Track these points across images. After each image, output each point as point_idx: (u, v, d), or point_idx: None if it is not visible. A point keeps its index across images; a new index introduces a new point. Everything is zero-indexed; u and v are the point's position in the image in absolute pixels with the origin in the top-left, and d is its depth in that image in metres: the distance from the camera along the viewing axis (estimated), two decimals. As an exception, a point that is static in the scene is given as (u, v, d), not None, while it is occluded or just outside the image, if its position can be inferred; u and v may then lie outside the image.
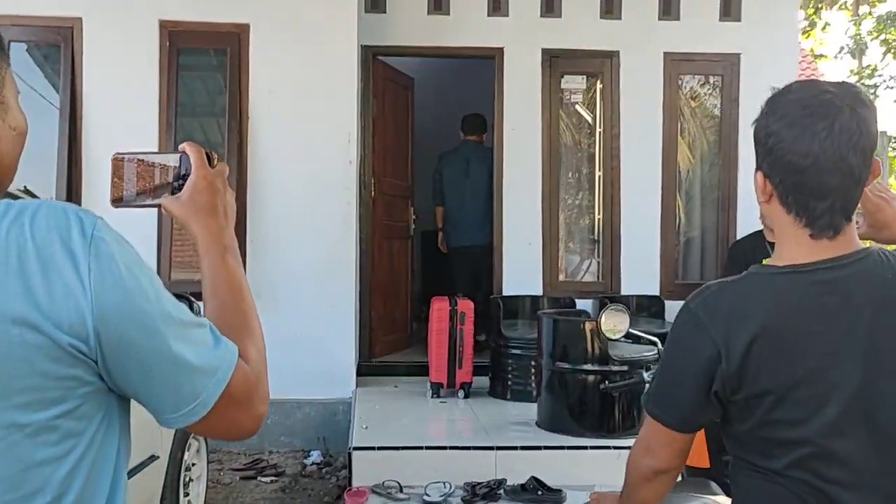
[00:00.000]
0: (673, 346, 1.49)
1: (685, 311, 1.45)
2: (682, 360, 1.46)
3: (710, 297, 1.43)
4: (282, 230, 5.48)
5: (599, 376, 4.37)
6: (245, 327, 1.15)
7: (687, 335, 1.44)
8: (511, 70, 6.14)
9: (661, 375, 1.52)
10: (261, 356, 1.14)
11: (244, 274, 1.21)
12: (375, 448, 4.08)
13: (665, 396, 1.48)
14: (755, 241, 5.70)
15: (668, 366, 1.50)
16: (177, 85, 5.35)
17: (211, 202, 1.20)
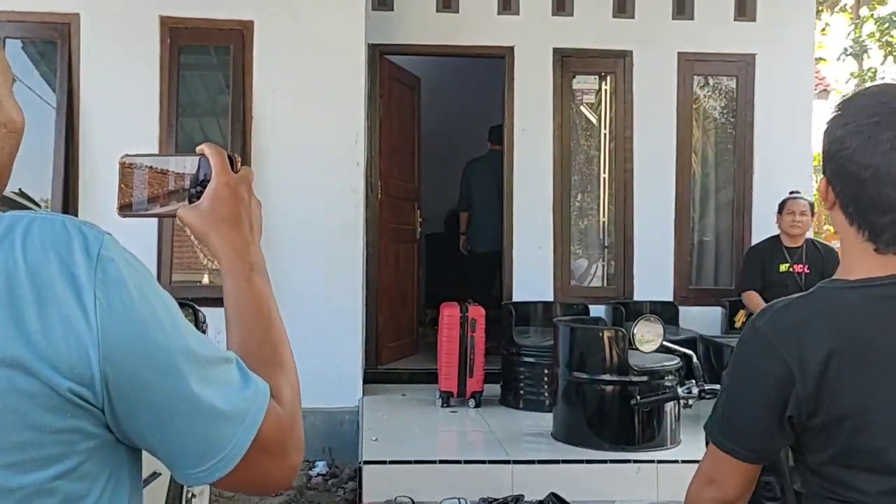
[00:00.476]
0: (739, 369, 1.37)
1: (751, 331, 1.35)
2: (750, 383, 1.33)
3: (778, 314, 1.33)
4: (287, 233, 5.31)
5: (618, 387, 4.21)
6: (276, 361, 0.98)
7: (754, 356, 1.33)
8: (521, 70, 5.98)
9: (727, 402, 1.39)
10: (295, 395, 0.97)
11: (274, 296, 1.04)
12: (387, 462, 3.92)
13: (732, 425, 1.36)
14: (772, 246, 5.57)
15: (735, 391, 1.38)
16: (178, 84, 5.18)
17: (234, 212, 1.04)
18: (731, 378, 1.39)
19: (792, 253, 5.47)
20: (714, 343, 4.97)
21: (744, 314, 5.55)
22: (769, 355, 1.29)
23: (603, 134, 6.24)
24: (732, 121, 6.25)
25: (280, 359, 0.98)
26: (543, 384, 5.02)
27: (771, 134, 6.09)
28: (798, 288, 5.41)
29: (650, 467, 3.95)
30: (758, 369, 1.32)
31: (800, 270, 5.44)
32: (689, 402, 2.61)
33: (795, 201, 5.45)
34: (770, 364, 1.29)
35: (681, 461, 3.99)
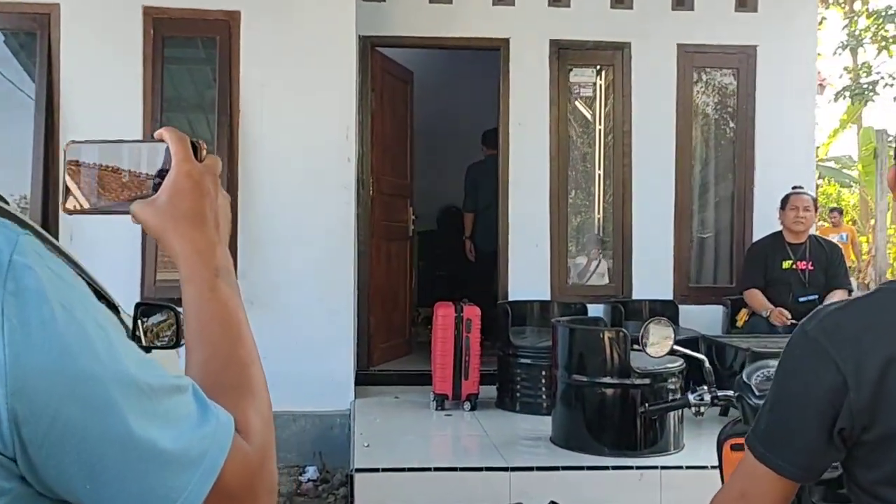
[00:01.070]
0: (785, 376, 1.27)
1: (800, 336, 1.26)
2: (798, 392, 1.23)
3: (831, 316, 1.24)
4: (275, 232, 5.15)
5: (619, 390, 4.05)
6: (244, 385, 0.82)
7: (804, 362, 1.23)
8: (517, 62, 5.81)
9: (772, 412, 1.28)
10: (266, 427, 0.81)
11: (243, 307, 0.88)
12: (379, 470, 3.76)
13: (777, 437, 1.25)
14: (775, 243, 5.43)
15: (781, 400, 1.27)
16: (162, 76, 5.00)
17: (197, 208, 0.87)
18: (777, 386, 1.29)
19: (795, 249, 5.33)
20: (717, 343, 4.81)
21: (745, 313, 5.41)
22: (821, 361, 1.19)
23: (599, 129, 6.08)
24: (733, 115, 6.10)
25: (249, 383, 0.82)
26: (541, 386, 4.86)
27: (772, 128, 5.94)
28: (801, 286, 5.28)
29: (653, 474, 3.80)
30: (808, 377, 1.22)
31: (803, 267, 5.30)
32: (702, 410, 2.46)
33: (799, 196, 5.31)
34: (822, 371, 1.19)
35: (685, 467, 3.85)
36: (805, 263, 5.30)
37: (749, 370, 2.35)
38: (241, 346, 0.84)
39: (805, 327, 1.25)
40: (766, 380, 2.32)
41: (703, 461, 3.78)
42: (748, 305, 5.38)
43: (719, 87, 6.16)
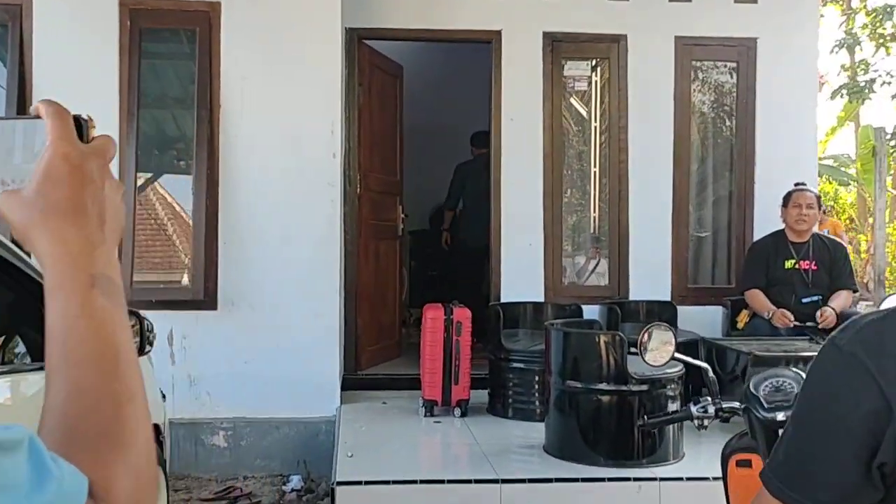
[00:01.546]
0: (813, 397, 1.06)
1: (832, 350, 1.04)
2: (829, 417, 1.02)
3: (871, 327, 1.03)
4: (258, 231, 4.95)
5: (616, 396, 3.86)
6: (114, 432, 0.63)
7: (837, 381, 1.02)
8: (510, 56, 5.61)
9: (794, 440, 1.06)
10: (140, 485, 0.62)
11: (128, 325, 0.68)
12: (362, 483, 3.55)
13: (802, 470, 1.03)
14: (777, 242, 5.24)
15: (806, 426, 1.06)
16: (139, 69, 4.80)
17: (74, 199, 0.68)
18: (802, 409, 1.08)
19: (798, 248, 5.14)
20: (717, 346, 4.62)
21: (746, 314, 5.22)
22: (859, 380, 0.99)
23: (594, 125, 5.88)
24: (733, 109, 5.91)
25: (121, 429, 0.63)
26: (534, 391, 4.67)
27: (773, 123, 5.75)
28: (804, 286, 5.09)
29: (652, 485, 3.60)
30: (842, 399, 1.01)
31: (806, 267, 5.12)
32: (706, 423, 2.26)
33: (802, 193, 5.12)
34: (860, 392, 0.98)
35: (685, 478, 3.66)
36: (808, 263, 5.11)
37: (757, 380, 2.16)
38: (116, 379, 0.65)
39: (837, 340, 1.04)
40: (776, 391, 2.13)
41: (704, 472, 3.60)
42: (749, 306, 5.19)
43: (719, 81, 5.97)
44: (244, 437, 4.89)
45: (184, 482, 4.73)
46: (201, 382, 4.91)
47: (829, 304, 4.97)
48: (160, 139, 5.24)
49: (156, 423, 3.31)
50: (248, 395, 4.89)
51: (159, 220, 5.11)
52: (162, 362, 4.74)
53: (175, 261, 5.04)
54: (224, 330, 4.91)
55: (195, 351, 4.90)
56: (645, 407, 3.81)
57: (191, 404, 4.88)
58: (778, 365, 4.09)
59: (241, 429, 4.89)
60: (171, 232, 5.06)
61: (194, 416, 4.89)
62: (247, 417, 4.89)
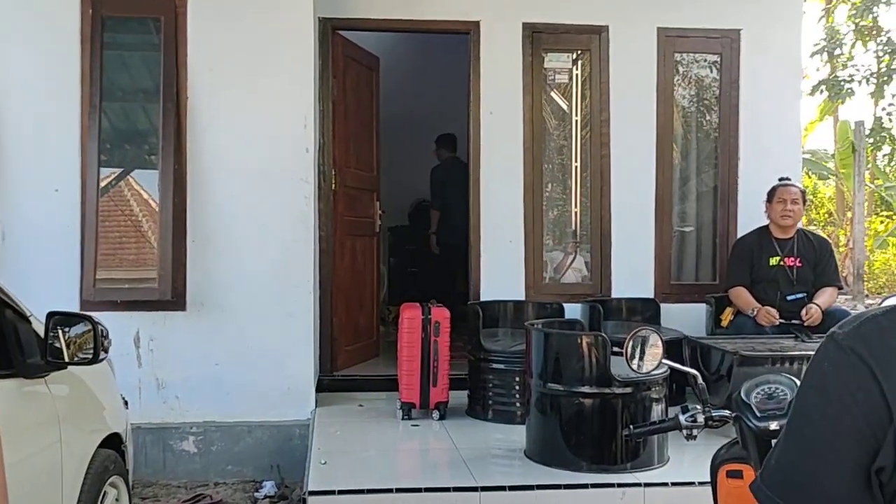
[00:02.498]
0: (809, 397, 0.97)
1: (831, 347, 0.96)
2: (825, 419, 0.93)
3: (872, 322, 0.95)
4: (229, 229, 4.78)
5: (598, 400, 3.73)
6: None
7: (835, 380, 0.94)
8: (488, 47, 5.46)
9: (789, 445, 0.98)
10: None
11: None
12: (336, 492, 3.40)
13: (796, 478, 0.95)
14: (762, 238, 5.13)
15: (800, 428, 0.97)
16: (101, 60, 4.60)
17: None
18: (798, 410, 0.99)
19: (783, 245, 5.03)
20: (702, 345, 4.50)
21: (731, 312, 5.11)
22: (859, 379, 0.91)
23: (576, 119, 5.74)
24: (716, 102, 5.78)
25: None
26: (514, 393, 4.54)
27: (757, 116, 5.63)
28: (789, 283, 4.98)
29: (636, 492, 3.48)
30: (840, 399, 0.93)
31: (791, 264, 5.01)
32: (695, 433, 2.13)
33: (787, 188, 5.01)
34: (859, 391, 0.91)
35: (670, 484, 3.54)
36: (793, 260, 5.01)
37: (748, 387, 2.03)
38: None
39: (836, 336, 0.96)
40: (768, 398, 2.01)
41: (689, 477, 3.49)
42: (733, 304, 5.08)
43: (701, 74, 5.84)
44: (215, 442, 4.72)
45: (151, 489, 4.56)
46: (170, 386, 4.74)
47: (814, 300, 4.87)
48: (130, 133, 5.04)
49: (117, 430, 3.15)
50: (218, 399, 4.72)
51: (134, 216, 4.93)
52: (128, 365, 4.57)
53: (150, 258, 4.86)
54: (193, 331, 4.74)
55: (163, 353, 4.72)
56: (629, 410, 3.69)
57: (159, 408, 4.71)
58: (764, 364, 3.99)
59: (211, 433, 4.72)
60: (146, 229, 4.87)
61: (162, 420, 4.72)
62: (217, 422, 4.72)
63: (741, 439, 2.05)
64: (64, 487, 2.67)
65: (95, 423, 2.99)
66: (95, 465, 2.85)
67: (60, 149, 4.65)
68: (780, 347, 4.35)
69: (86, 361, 2.66)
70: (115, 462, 3.07)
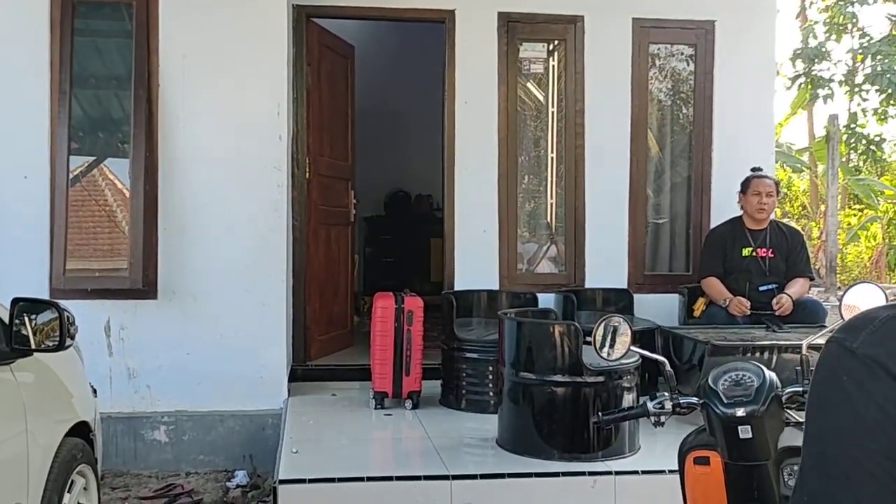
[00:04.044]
0: (834, 415, 0.85)
1: (845, 357, 0.84)
2: (858, 436, 0.82)
3: (887, 330, 0.84)
4: (200, 217, 4.74)
5: (570, 388, 3.74)
6: None
7: (862, 397, 0.82)
8: (464, 36, 5.43)
9: (817, 469, 0.86)
10: None
11: None
12: (307, 481, 3.39)
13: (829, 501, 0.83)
14: (734, 229, 5.16)
15: (830, 451, 0.85)
16: (72, 46, 4.53)
17: None
18: (821, 431, 0.86)
19: (755, 236, 5.07)
20: (674, 335, 4.53)
21: (703, 302, 5.14)
22: (885, 390, 0.80)
23: (551, 110, 5.73)
24: (691, 93, 5.81)
25: None
26: (487, 382, 4.54)
27: (731, 107, 5.65)
28: (762, 274, 5.02)
29: (607, 480, 3.50)
30: (868, 413, 0.82)
31: (763, 255, 5.05)
32: (662, 420, 2.14)
33: (761, 181, 5.04)
34: (889, 403, 0.80)
35: (641, 472, 3.56)
36: (765, 251, 5.04)
37: (715, 374, 2.05)
38: None
39: (848, 344, 0.85)
40: (735, 385, 2.02)
41: (659, 465, 3.51)
42: (706, 294, 5.11)
43: (676, 65, 5.86)
44: (186, 432, 4.69)
45: (122, 479, 4.53)
46: (141, 375, 4.70)
47: (785, 290, 4.91)
48: (103, 121, 4.98)
49: (85, 419, 3.11)
50: (190, 388, 4.68)
51: (108, 206, 4.87)
52: (98, 354, 4.53)
53: (124, 248, 4.80)
54: (165, 320, 4.70)
55: (134, 342, 4.68)
56: (601, 399, 3.70)
57: (129, 398, 4.67)
58: (735, 354, 4.03)
59: (182, 423, 4.68)
60: (120, 218, 4.82)
61: (133, 409, 4.68)
62: (189, 411, 4.69)
63: (708, 426, 2.06)
64: (30, 476, 2.64)
65: (63, 412, 2.95)
66: (63, 453, 2.82)
67: (29, 135, 4.58)
68: (752, 337, 4.38)
69: (52, 348, 2.62)
70: (84, 451, 3.04)
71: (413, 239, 8.56)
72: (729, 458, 1.96)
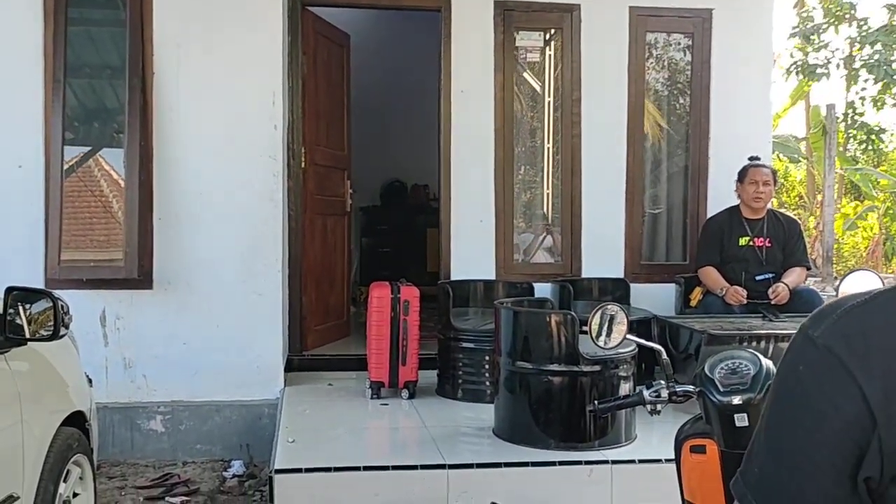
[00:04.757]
0: (786, 403, 0.89)
1: (806, 345, 0.87)
2: (806, 427, 0.86)
3: (850, 316, 0.86)
4: (196, 207, 4.73)
5: (567, 378, 3.73)
6: None
7: (811, 384, 0.86)
8: (459, 25, 5.40)
9: (770, 453, 0.90)
10: None
11: None
12: (303, 470, 3.38)
13: (779, 489, 0.87)
14: (731, 218, 5.15)
15: (782, 437, 0.89)
16: (65, 35, 4.50)
17: None
18: (775, 417, 0.91)
19: (753, 225, 5.06)
20: (670, 324, 4.53)
21: (700, 292, 5.14)
22: (838, 383, 0.83)
23: (548, 100, 5.71)
24: (688, 83, 5.79)
25: None
26: (484, 372, 4.53)
27: (728, 96, 5.64)
28: (758, 263, 5.01)
29: (603, 469, 3.50)
30: (819, 405, 0.85)
31: (760, 244, 5.05)
32: (658, 408, 2.14)
33: (758, 169, 5.02)
34: (839, 396, 0.83)
35: (637, 461, 3.56)
36: (762, 240, 5.04)
37: (711, 362, 2.04)
38: None
39: (811, 332, 0.87)
40: (731, 373, 2.02)
41: (656, 454, 3.50)
42: (702, 284, 5.11)
43: (673, 55, 5.84)
44: (183, 422, 4.68)
45: (119, 469, 4.52)
46: (137, 365, 4.69)
47: (782, 280, 4.91)
48: (98, 111, 4.96)
49: (80, 409, 3.10)
50: (186, 378, 4.68)
51: (104, 196, 4.85)
52: (94, 344, 4.52)
53: (120, 239, 4.79)
54: (160, 310, 4.69)
55: (130, 332, 4.67)
56: (597, 388, 3.70)
57: (126, 388, 4.66)
58: (731, 343, 4.02)
59: (179, 412, 4.68)
60: (116, 209, 4.80)
61: (130, 399, 4.68)
62: (185, 401, 4.68)
63: (704, 414, 2.06)
64: (25, 466, 2.63)
65: (58, 401, 2.94)
66: (58, 443, 2.81)
67: (23, 124, 4.56)
68: (748, 326, 4.38)
69: (46, 337, 2.61)
70: (79, 440, 3.03)
71: (409, 229, 8.55)
72: (725, 447, 1.95)
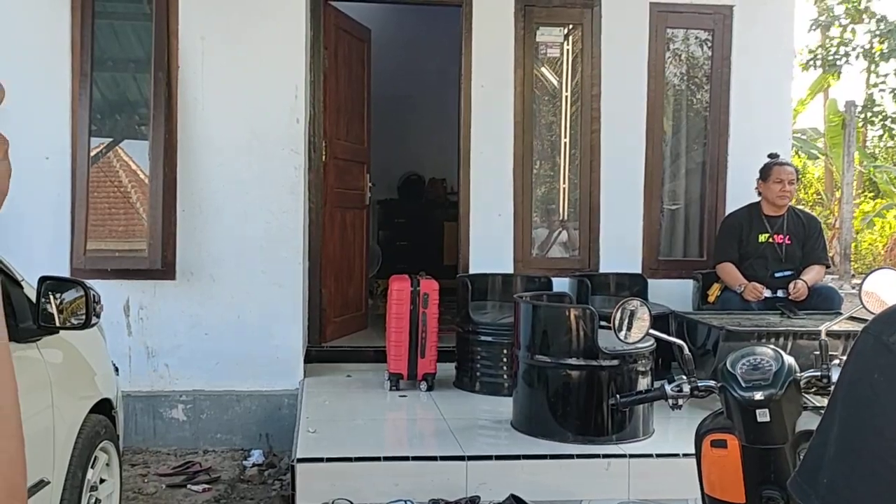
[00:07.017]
0: (856, 408, 0.84)
1: (879, 350, 0.81)
2: (880, 434, 0.80)
3: None
4: (218, 199, 4.78)
5: (585, 372, 3.77)
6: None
7: (886, 395, 0.80)
8: (480, 20, 5.43)
9: (844, 462, 0.84)
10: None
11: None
12: (324, 460, 3.44)
13: (848, 497, 0.82)
14: (751, 215, 5.15)
15: (853, 445, 0.83)
16: (92, 28, 4.56)
17: None
18: (845, 422, 0.86)
19: (773, 222, 5.06)
20: (688, 320, 4.55)
21: (718, 288, 5.14)
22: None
23: (565, 94, 5.73)
24: (707, 79, 5.79)
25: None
26: (502, 365, 4.57)
27: (748, 93, 5.64)
28: (777, 260, 5.01)
29: (621, 462, 3.53)
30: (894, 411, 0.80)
31: (780, 241, 5.04)
32: (680, 403, 2.17)
33: (783, 168, 5.01)
34: None
35: (655, 455, 3.59)
36: (782, 237, 5.03)
37: (733, 358, 2.07)
38: None
39: (884, 337, 0.81)
40: (754, 369, 2.04)
41: (674, 448, 3.54)
42: (721, 280, 5.11)
43: (693, 50, 5.84)
44: (204, 411, 4.75)
45: (141, 456, 4.59)
46: (159, 354, 4.75)
47: (801, 277, 4.91)
48: (121, 103, 5.02)
49: (107, 396, 3.16)
50: (207, 368, 4.74)
51: (123, 187, 4.91)
52: (118, 333, 4.58)
53: (139, 229, 4.86)
54: (183, 300, 4.75)
55: (153, 322, 4.74)
56: (615, 382, 3.73)
57: (148, 376, 4.73)
58: (750, 339, 4.04)
59: (200, 402, 4.74)
60: (134, 200, 4.86)
61: (152, 388, 4.74)
62: (206, 390, 4.75)
63: (726, 409, 2.08)
64: (56, 451, 2.69)
65: (87, 389, 3.00)
66: (86, 429, 2.87)
67: (51, 117, 4.62)
68: (767, 323, 4.39)
69: (78, 326, 2.67)
70: (106, 427, 3.09)
71: (426, 222, 8.59)
72: (746, 442, 1.98)
